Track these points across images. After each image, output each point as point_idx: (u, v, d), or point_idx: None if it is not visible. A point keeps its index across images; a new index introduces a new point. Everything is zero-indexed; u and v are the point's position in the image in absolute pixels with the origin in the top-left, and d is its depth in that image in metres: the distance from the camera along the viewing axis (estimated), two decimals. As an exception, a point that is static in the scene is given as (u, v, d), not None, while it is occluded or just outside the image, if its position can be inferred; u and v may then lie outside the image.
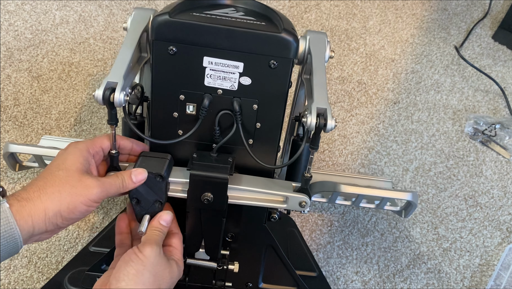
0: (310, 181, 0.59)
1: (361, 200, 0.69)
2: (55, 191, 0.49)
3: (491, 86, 1.16)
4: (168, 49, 0.56)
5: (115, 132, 0.56)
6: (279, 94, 0.59)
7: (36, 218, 0.47)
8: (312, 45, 0.62)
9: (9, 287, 0.81)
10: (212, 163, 0.59)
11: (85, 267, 0.70)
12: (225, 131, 0.60)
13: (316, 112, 0.54)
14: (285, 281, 0.72)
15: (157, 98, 0.59)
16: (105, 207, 0.91)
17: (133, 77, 0.60)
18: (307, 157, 0.65)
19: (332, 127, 0.54)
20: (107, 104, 0.53)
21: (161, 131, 0.61)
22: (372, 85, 1.13)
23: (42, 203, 0.48)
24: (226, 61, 0.56)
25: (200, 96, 0.58)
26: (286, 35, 0.55)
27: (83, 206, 0.50)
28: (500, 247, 0.92)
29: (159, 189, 0.56)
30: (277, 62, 0.56)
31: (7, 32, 1.12)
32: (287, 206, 0.60)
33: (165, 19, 0.54)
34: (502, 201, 0.98)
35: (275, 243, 0.68)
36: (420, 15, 1.29)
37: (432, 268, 0.89)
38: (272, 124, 0.61)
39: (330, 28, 1.23)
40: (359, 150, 1.03)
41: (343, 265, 0.88)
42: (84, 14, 1.17)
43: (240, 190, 0.59)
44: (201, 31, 0.54)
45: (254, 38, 0.55)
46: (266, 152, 0.62)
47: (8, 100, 1.02)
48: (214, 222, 0.61)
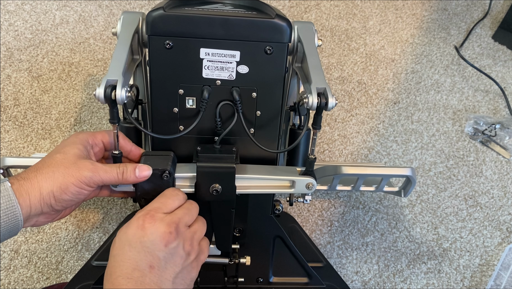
0: (314, 162, 0.60)
1: (361, 182, 0.69)
2: (49, 171, 0.50)
3: (491, 86, 1.16)
4: (164, 43, 0.56)
5: (117, 132, 0.55)
6: (277, 80, 0.59)
7: (32, 196, 0.49)
8: (301, 33, 0.64)
9: (9, 287, 0.81)
10: (217, 154, 0.59)
11: (90, 281, 0.70)
12: (226, 123, 0.61)
13: (317, 92, 0.55)
14: (295, 273, 0.72)
15: (156, 95, 0.59)
16: (105, 207, 0.91)
17: (129, 77, 0.60)
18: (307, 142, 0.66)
19: (333, 105, 0.55)
20: (109, 102, 0.53)
21: (162, 128, 0.61)
22: (372, 85, 1.13)
23: (38, 182, 0.49)
24: (223, 51, 0.57)
25: (199, 89, 0.59)
26: (279, 21, 0.56)
27: (74, 187, 0.50)
28: (500, 247, 0.92)
29: (166, 186, 0.56)
30: (272, 48, 0.57)
31: (7, 32, 1.12)
32: (294, 190, 0.60)
33: (160, 13, 0.55)
34: (502, 201, 0.98)
35: (283, 233, 0.68)
36: (420, 15, 1.29)
37: (432, 268, 0.89)
38: (272, 111, 0.61)
39: (330, 28, 1.23)
40: (359, 150, 1.03)
41: (343, 265, 0.88)
42: (84, 14, 1.17)
43: (247, 179, 0.59)
44: (196, 23, 0.55)
45: (248, 25, 0.56)
46: (268, 139, 0.63)
47: (8, 100, 1.02)
48: (224, 214, 0.61)
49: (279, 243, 0.70)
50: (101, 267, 0.76)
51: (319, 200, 0.95)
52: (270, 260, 0.70)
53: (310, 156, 0.59)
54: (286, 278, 0.72)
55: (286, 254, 0.71)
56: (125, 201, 0.92)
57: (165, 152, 0.60)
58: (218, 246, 0.65)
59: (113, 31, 0.64)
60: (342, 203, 0.95)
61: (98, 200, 0.91)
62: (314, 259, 0.82)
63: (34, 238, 0.86)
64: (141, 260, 0.48)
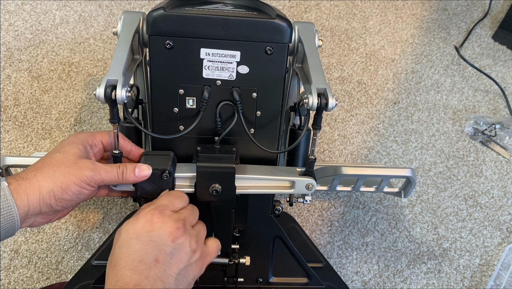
0: (314, 163, 0.60)
1: (361, 183, 0.69)
2: (50, 170, 0.50)
3: (491, 86, 1.16)
4: (165, 43, 0.56)
5: (117, 132, 0.55)
6: (277, 80, 0.59)
7: (31, 196, 0.49)
8: (301, 33, 0.64)
9: (9, 287, 0.81)
10: (217, 154, 0.59)
11: (90, 281, 0.70)
12: (226, 123, 0.61)
13: (317, 93, 0.55)
14: (295, 273, 0.72)
15: (156, 95, 0.59)
16: (105, 207, 0.91)
17: (129, 77, 0.60)
18: (307, 143, 0.66)
19: (333, 106, 0.55)
20: (109, 102, 0.53)
21: (163, 128, 0.61)
22: (372, 85, 1.13)
23: (38, 182, 0.49)
24: (223, 51, 0.57)
25: (199, 89, 0.59)
26: (280, 21, 0.56)
27: (75, 186, 0.50)
28: (500, 247, 0.92)
29: (166, 185, 0.56)
30: (273, 48, 0.57)
31: (7, 32, 1.12)
32: (294, 190, 0.60)
33: (160, 13, 0.55)
34: (502, 201, 0.98)
35: (283, 234, 0.68)
36: (420, 15, 1.29)
37: (432, 268, 0.89)
38: (272, 112, 0.61)
39: (330, 28, 1.23)
40: (359, 150, 1.03)
41: (343, 265, 0.88)
42: (84, 14, 1.17)
43: (247, 179, 0.59)
44: (197, 23, 0.55)
45: (249, 25, 0.56)
46: (268, 139, 0.63)
47: (8, 100, 1.02)
48: (224, 214, 0.61)
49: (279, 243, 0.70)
50: (101, 266, 0.76)
51: (319, 200, 0.95)
52: (269, 260, 0.70)
53: (310, 157, 0.59)
54: (286, 278, 0.72)
55: (286, 254, 0.71)
56: (125, 201, 0.92)
57: (165, 151, 0.60)
58: None
59: (114, 31, 0.64)
60: (342, 203, 0.95)
61: (98, 200, 0.91)
62: (313, 259, 0.82)
63: (34, 238, 0.86)
64: (147, 253, 0.48)
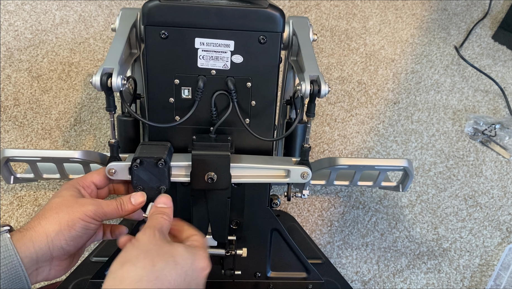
0: (309, 152, 0.61)
1: (358, 176, 0.70)
2: (53, 214, 0.51)
3: (491, 86, 1.16)
4: (160, 33, 0.57)
5: (113, 120, 0.57)
6: (271, 69, 0.60)
7: (38, 242, 0.49)
8: (296, 27, 0.66)
9: (9, 287, 0.81)
10: (212, 142, 0.60)
11: (88, 276, 0.71)
12: (222, 113, 0.62)
13: (310, 80, 0.57)
14: (294, 267, 0.72)
15: (152, 84, 0.60)
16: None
17: (126, 68, 0.61)
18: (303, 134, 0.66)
19: (326, 93, 0.56)
20: (105, 89, 0.54)
21: (159, 119, 0.62)
22: (372, 85, 1.14)
23: (42, 227, 0.50)
24: (217, 41, 0.58)
25: (194, 78, 0.60)
26: (272, 10, 0.58)
27: (81, 221, 0.52)
28: (500, 247, 0.92)
29: (161, 174, 0.57)
30: (266, 37, 0.58)
31: (7, 32, 1.12)
32: (289, 179, 0.60)
33: (155, 3, 0.56)
34: (502, 201, 0.98)
35: (280, 226, 0.68)
36: (420, 15, 1.29)
37: (432, 268, 0.89)
38: (267, 101, 0.62)
39: (330, 28, 1.23)
40: (359, 150, 1.03)
41: (343, 265, 0.88)
42: (84, 14, 1.17)
43: (242, 168, 0.60)
44: (191, 13, 0.56)
45: (242, 14, 0.57)
46: (263, 129, 0.63)
47: (8, 100, 1.02)
48: (220, 203, 0.62)
49: (277, 237, 0.70)
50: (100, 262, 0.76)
51: (319, 200, 0.95)
52: (267, 253, 0.70)
53: (305, 145, 0.60)
54: (284, 273, 0.72)
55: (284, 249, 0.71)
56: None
57: (162, 142, 0.61)
58: (214, 236, 0.65)
59: (112, 27, 0.65)
60: (342, 203, 0.95)
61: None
62: (313, 256, 0.83)
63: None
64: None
